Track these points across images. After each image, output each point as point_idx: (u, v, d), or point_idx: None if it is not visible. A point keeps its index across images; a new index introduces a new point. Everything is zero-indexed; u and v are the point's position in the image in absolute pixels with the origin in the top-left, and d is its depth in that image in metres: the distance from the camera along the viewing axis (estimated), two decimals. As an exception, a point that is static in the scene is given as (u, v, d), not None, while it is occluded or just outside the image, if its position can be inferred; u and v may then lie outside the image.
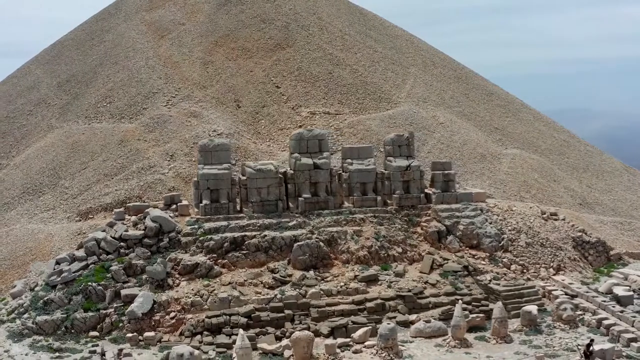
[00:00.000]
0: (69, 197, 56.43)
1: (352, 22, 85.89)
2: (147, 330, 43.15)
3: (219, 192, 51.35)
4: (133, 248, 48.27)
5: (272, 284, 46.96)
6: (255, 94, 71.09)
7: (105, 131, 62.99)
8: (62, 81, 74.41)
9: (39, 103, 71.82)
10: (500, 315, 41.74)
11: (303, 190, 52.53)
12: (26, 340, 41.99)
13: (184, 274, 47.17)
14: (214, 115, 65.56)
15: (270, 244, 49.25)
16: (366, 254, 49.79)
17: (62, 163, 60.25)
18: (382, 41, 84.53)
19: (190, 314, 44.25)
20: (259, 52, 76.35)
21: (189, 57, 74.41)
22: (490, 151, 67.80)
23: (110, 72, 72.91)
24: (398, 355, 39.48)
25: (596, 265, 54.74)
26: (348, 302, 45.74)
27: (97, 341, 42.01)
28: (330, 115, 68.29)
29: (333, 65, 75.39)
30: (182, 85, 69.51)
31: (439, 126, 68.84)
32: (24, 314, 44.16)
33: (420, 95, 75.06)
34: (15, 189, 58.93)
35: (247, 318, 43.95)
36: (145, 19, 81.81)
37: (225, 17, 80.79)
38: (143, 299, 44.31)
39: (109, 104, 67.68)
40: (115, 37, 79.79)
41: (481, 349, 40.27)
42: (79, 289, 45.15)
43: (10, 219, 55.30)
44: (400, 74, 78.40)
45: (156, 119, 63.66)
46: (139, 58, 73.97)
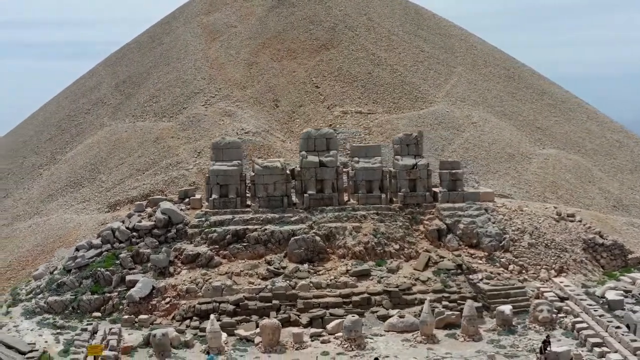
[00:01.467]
0: (103, 190, 61.26)
1: (404, 22, 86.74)
2: (144, 313, 46.72)
3: (228, 187, 54.28)
4: (143, 238, 52.13)
5: (266, 275, 49.28)
6: (294, 93, 73.69)
7: (145, 129, 67.60)
8: (120, 82, 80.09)
9: (96, 102, 77.72)
10: (469, 313, 42.24)
11: (309, 186, 54.52)
12: (36, 317, 46.42)
13: (186, 263, 50.35)
14: (248, 114, 68.72)
15: (269, 237, 51.64)
16: (362, 249, 51.15)
17: (103, 159, 65.34)
18: (432, 41, 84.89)
19: (184, 300, 47.30)
20: (304, 53, 78.85)
21: (234, 58, 78.01)
22: (521, 151, 67.08)
23: (161, 73, 77.78)
24: (360, 347, 40.90)
25: (610, 269, 53.47)
26: (335, 295, 47.32)
27: (98, 321, 46.01)
28: (362, 114, 69.81)
29: (374, 65, 76.77)
30: (223, 86, 73.16)
31: (470, 125, 68.78)
32: (39, 295, 48.84)
33: (460, 95, 75.11)
34: (60, 182, 64.54)
35: (235, 306, 46.45)
36: (202, 22, 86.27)
37: (275, 19, 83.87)
38: (142, 285, 47.89)
39: (155, 103, 72.36)
40: (172, 39, 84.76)
41: (446, 346, 40.97)
42: (90, 273, 49.34)
43: (51, 209, 60.77)
44: (443, 73, 78.66)
45: (192, 117, 67.59)
46: (189, 60, 78.40)
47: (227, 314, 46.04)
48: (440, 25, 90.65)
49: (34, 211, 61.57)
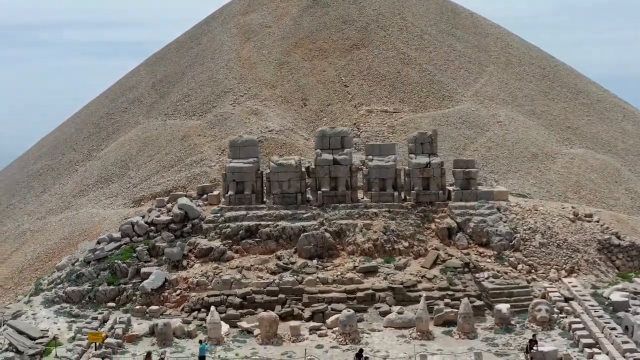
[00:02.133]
0: (131, 186, 63.66)
1: (438, 21, 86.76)
2: (155, 304, 48.58)
3: (244, 184, 55.77)
4: (160, 232, 54.11)
5: (275, 270, 50.49)
6: (323, 92, 74.73)
7: (174, 127, 69.81)
8: (157, 81, 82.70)
9: (134, 101, 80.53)
10: (465, 311, 42.51)
11: (323, 184, 55.49)
12: (55, 306, 48.80)
13: (199, 257, 52.00)
14: (274, 113, 70.16)
15: (280, 233, 52.86)
16: (371, 246, 51.81)
17: (133, 156, 67.82)
18: (466, 40, 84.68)
19: (194, 292, 49.05)
20: (335, 53, 79.81)
21: (266, 58, 79.60)
22: (545, 150, 66.41)
23: (195, 73, 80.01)
24: (354, 341, 41.72)
25: (626, 270, 52.60)
26: (340, 291, 48.23)
27: (112, 311, 48.10)
28: (387, 113, 70.30)
29: (403, 64, 77.13)
30: (252, 85, 74.81)
31: (495, 124, 68.47)
32: (59, 285, 51.32)
33: (489, 94, 74.77)
34: (92, 178, 67.34)
35: (242, 299, 47.91)
36: (239, 23, 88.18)
37: (309, 19, 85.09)
38: (155, 277, 49.77)
39: (186, 102, 74.54)
40: (209, 39, 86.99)
41: (439, 343, 41.38)
42: (107, 265, 51.54)
43: (81, 204, 63.50)
44: (474, 72, 78.41)
45: (219, 116, 69.44)
46: (222, 59, 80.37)
47: (233, 306, 47.49)
48: (477, 24, 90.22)
49: (66, 205, 64.48)
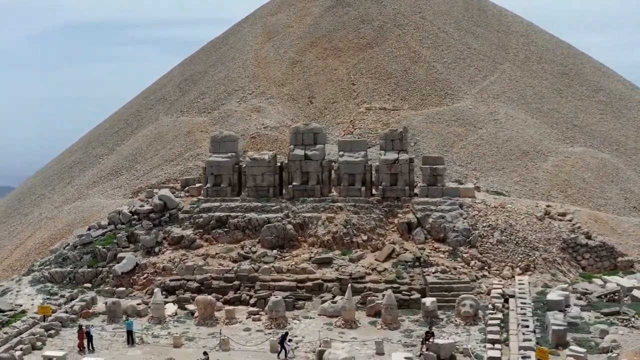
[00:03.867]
0: (134, 178, 68.12)
1: (460, 19, 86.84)
2: (125, 286, 52.51)
3: (221, 177, 58.89)
4: (142, 221, 58.05)
5: (237, 258, 53.32)
6: (330, 90, 76.77)
7: (182, 124, 73.84)
8: (183, 80, 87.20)
9: (160, 99, 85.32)
10: (387, 302, 43.87)
11: (295, 178, 57.77)
12: (39, 285, 53.51)
13: (171, 245, 55.42)
14: (276, 110, 72.89)
15: (247, 224, 55.55)
16: (330, 239, 53.67)
17: (143, 150, 72.34)
18: (486, 37, 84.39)
19: (160, 276, 52.63)
20: (349, 52, 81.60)
21: (281, 57, 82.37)
22: (539, 148, 65.73)
23: (215, 72, 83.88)
24: (280, 326, 43.94)
25: (593, 270, 52.11)
26: (291, 280, 50.53)
27: (87, 291, 52.30)
28: (385, 110, 71.49)
29: (412, 62, 77.97)
30: (262, 83, 77.81)
31: (490, 122, 68.31)
32: (47, 266, 56.22)
33: (495, 91, 74.52)
34: (106, 170, 72.37)
35: (200, 284, 51.11)
36: (265, 23, 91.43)
37: (329, 18, 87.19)
38: (127, 261, 53.61)
39: (201, 100, 78.46)
40: (236, 39, 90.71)
41: (360, 332, 42.92)
42: (90, 250, 56.00)
43: (90, 194, 68.56)
44: (484, 70, 78.21)
45: (223, 113, 72.87)
46: (241, 59, 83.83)
47: (191, 290, 50.76)
48: (503, 21, 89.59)
49: (79, 195, 69.77)
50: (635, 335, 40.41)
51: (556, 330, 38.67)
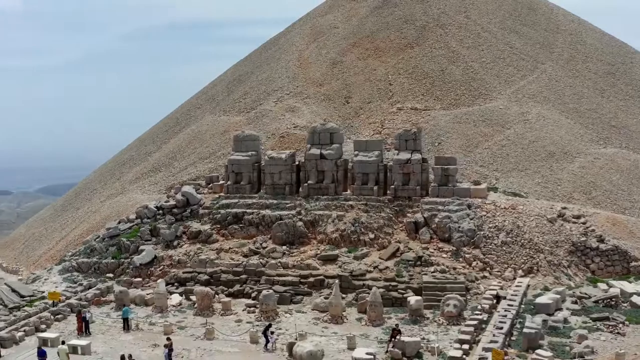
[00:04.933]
0: (170, 175, 71.26)
1: (506, 19, 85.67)
2: (142, 277, 55.52)
3: (242, 175, 61.09)
4: (165, 215, 60.99)
5: (247, 253, 55.38)
6: (367, 91, 77.56)
7: (220, 123, 76.49)
8: (232, 80, 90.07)
9: (209, 99, 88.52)
10: (372, 299, 44.69)
11: (310, 176, 59.27)
12: (67, 274, 57.40)
13: (190, 239, 58.13)
14: (310, 110, 74.35)
15: (260, 221, 57.51)
16: (337, 236, 54.90)
17: (182, 148, 75.46)
18: (530, 36, 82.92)
19: (175, 268, 55.34)
20: (390, 52, 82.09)
21: (323, 57, 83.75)
22: (567, 149, 64.20)
23: (260, 72, 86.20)
24: (269, 318, 45.54)
25: (603, 275, 51.13)
26: (295, 275, 52.07)
27: (108, 280, 55.62)
28: (416, 110, 71.66)
29: (449, 62, 77.66)
30: (301, 84, 79.44)
31: (520, 122, 67.21)
32: (76, 256, 60.04)
33: (531, 91, 73.22)
34: (148, 167, 75.99)
35: (210, 277, 53.44)
36: (314, 24, 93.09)
37: (374, 19, 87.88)
38: (145, 253, 56.62)
39: (243, 100, 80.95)
40: (285, 40, 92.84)
41: (343, 327, 43.83)
42: (115, 242, 59.45)
43: (130, 190, 72.23)
44: (524, 69, 76.91)
45: (259, 113, 74.99)
46: (284, 59, 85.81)
47: (200, 283, 53.15)
48: (552, 20, 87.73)
49: (121, 191, 73.66)
50: (618, 342, 39.62)
51: (527, 333, 38.51)
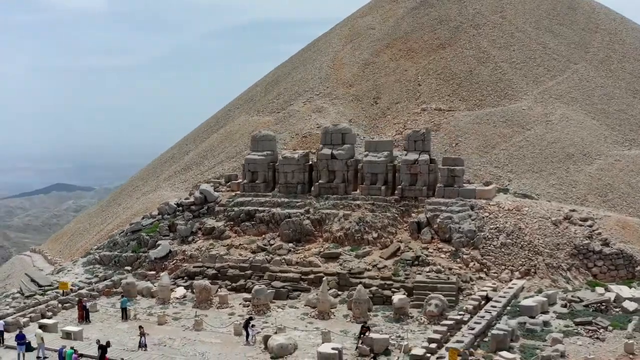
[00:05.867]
0: (199, 173, 73.90)
1: (543, 18, 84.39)
2: (157, 270, 58.12)
3: (257, 173, 62.91)
4: (184, 212, 63.50)
5: (255, 249, 57.19)
6: (396, 91, 78.07)
7: (251, 123, 78.60)
8: (270, 81, 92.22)
9: (248, 99, 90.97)
10: (356, 297, 45.71)
11: (322, 176, 60.54)
12: (89, 266, 60.67)
13: (205, 235, 60.44)
14: (336, 110, 75.50)
15: (270, 218, 59.21)
16: (342, 235, 56.01)
17: (214, 147, 78.02)
18: (566, 36, 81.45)
19: (187, 262, 57.72)
20: (422, 53, 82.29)
21: (356, 58, 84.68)
22: (586, 151, 62.94)
23: (296, 73, 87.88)
24: (260, 312, 47.22)
25: (605, 278, 50.42)
26: (297, 272, 53.54)
27: (126, 273, 58.52)
28: (440, 111, 71.73)
29: (478, 63, 77.22)
30: (331, 84, 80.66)
31: (542, 123, 66.25)
32: (100, 250, 63.31)
33: (559, 92, 72.01)
34: (181, 165, 78.89)
35: (217, 271, 55.54)
36: (353, 25, 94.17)
37: (410, 20, 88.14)
38: (161, 248, 59.24)
39: (276, 100, 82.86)
40: (324, 42, 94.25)
41: (327, 323, 45.06)
42: (136, 237, 62.35)
43: (162, 187, 75.32)
44: (554, 69, 75.65)
45: (287, 113, 76.69)
46: (320, 60, 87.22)
47: (208, 277, 55.33)
48: (592, 19, 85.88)
49: (154, 188, 76.91)
50: (594, 347, 39.29)
51: (495, 335, 38.66)
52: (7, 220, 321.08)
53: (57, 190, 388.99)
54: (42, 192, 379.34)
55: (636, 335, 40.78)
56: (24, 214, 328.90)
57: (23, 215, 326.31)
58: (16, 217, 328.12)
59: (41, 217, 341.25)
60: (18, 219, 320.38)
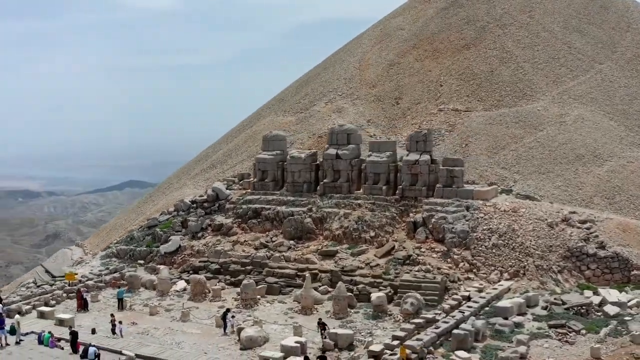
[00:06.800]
0: (221, 171, 76.10)
1: (572, 17, 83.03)
2: (166, 265, 60.56)
3: (267, 172, 64.62)
4: (197, 209, 65.81)
5: (258, 246, 58.94)
6: (418, 92, 78.36)
7: (274, 123, 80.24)
8: (301, 81, 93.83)
9: (279, 99, 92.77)
10: (336, 294, 46.89)
11: (327, 175, 61.76)
12: (106, 259, 63.81)
13: (214, 231, 62.59)
14: (355, 111, 76.39)
15: (275, 216, 60.83)
16: (340, 233, 57.14)
17: (239, 146, 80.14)
18: (594, 35, 79.90)
19: (193, 257, 59.99)
20: (446, 53, 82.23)
21: (381, 59, 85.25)
22: (598, 152, 61.78)
23: (324, 74, 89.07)
24: (247, 306, 49.01)
25: (598, 282, 50.01)
26: (293, 268, 55.03)
27: (138, 266, 61.18)
28: (457, 112, 71.67)
29: (500, 63, 76.65)
30: (355, 85, 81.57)
31: (555, 124, 65.35)
32: (118, 244, 66.32)
33: (579, 92, 70.81)
34: (207, 164, 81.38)
35: (220, 266, 57.59)
36: (385, 26, 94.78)
37: (438, 20, 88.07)
38: (171, 243, 61.75)
39: (302, 101, 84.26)
40: (354, 43, 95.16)
41: (309, 318, 46.45)
42: (151, 232, 65.07)
43: (187, 185, 77.97)
44: (577, 69, 74.36)
45: (308, 113, 78.01)
46: (347, 61, 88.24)
47: (211, 271, 57.47)
48: (624, 18, 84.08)
49: (182, 185, 79.70)
50: (561, 350, 39.44)
51: (456, 334, 39.18)
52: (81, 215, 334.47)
53: (130, 187, 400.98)
54: (116, 189, 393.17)
55: (608, 340, 40.61)
56: (97, 210, 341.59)
57: (96, 210, 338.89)
58: (90, 212, 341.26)
59: (113, 212, 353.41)
60: (91, 214, 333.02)
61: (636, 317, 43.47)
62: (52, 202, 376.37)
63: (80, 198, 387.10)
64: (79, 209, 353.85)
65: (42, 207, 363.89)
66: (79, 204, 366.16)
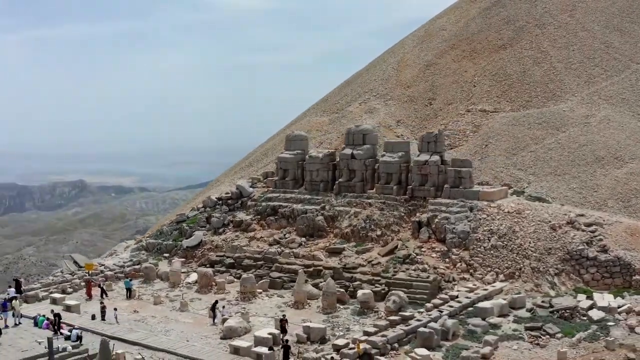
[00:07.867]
0: (255, 170, 78.43)
1: (612, 16, 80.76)
2: (188, 258, 63.45)
3: (288, 171, 66.56)
4: (222, 205, 68.50)
5: (272, 242, 61.04)
6: (451, 92, 78.30)
7: (309, 123, 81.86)
8: (346, 81, 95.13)
9: (324, 100, 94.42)
10: (325, 289, 48.38)
11: (343, 175, 63.14)
12: (135, 252, 67.42)
13: (235, 227, 65.13)
14: (386, 111, 77.14)
15: (290, 213, 62.73)
16: (349, 231, 58.49)
17: (275, 145, 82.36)
18: (636, 34, 77.59)
19: (212, 252, 62.72)
20: (484, 53, 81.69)
21: (419, 59, 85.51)
22: (618, 154, 60.10)
23: (366, 74, 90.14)
24: (245, 299, 51.24)
25: (597, 286, 49.46)
26: (300, 264, 56.82)
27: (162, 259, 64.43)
28: (484, 112, 71.28)
29: (534, 63, 75.54)
30: (390, 85, 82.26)
31: (578, 125, 63.94)
32: (148, 237, 69.89)
33: (610, 93, 68.98)
34: (246, 162, 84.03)
35: (234, 261, 60.06)
36: (429, 26, 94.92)
37: (479, 20, 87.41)
38: (194, 237, 64.76)
39: (341, 100, 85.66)
40: (399, 44, 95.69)
41: (299, 312, 48.37)
42: (179, 227, 68.28)
43: (224, 182, 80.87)
44: (612, 69, 72.39)
45: (341, 114, 79.39)
46: (388, 62, 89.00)
47: (226, 265, 60.06)
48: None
49: (219, 183, 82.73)
50: (529, 352, 39.80)
51: (421, 332, 39.98)
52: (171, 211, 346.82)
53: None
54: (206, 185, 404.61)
55: (581, 345, 40.36)
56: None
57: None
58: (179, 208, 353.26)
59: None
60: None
61: (621, 323, 42.99)
62: (144, 198, 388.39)
63: (171, 194, 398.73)
64: (169, 205, 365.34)
65: (134, 202, 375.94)
66: (169, 200, 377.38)
